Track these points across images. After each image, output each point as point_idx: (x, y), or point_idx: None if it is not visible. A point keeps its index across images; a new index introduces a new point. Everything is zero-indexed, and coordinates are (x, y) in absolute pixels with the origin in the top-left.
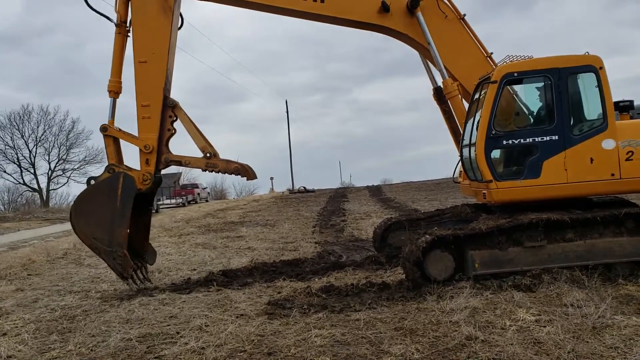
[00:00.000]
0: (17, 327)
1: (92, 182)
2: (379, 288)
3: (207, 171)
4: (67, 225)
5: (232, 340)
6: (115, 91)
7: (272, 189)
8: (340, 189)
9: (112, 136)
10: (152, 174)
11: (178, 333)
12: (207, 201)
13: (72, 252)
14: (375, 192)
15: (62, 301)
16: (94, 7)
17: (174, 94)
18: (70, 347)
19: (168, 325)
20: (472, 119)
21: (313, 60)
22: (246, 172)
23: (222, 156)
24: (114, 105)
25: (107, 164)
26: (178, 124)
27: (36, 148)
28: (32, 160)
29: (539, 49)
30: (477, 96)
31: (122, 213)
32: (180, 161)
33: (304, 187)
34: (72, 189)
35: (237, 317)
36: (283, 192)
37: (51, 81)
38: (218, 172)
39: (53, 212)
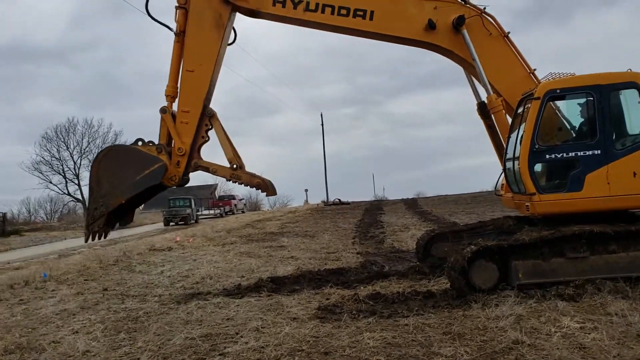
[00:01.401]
0: (85, 326)
1: (140, 143)
2: (425, 296)
3: (230, 181)
4: (111, 235)
5: (289, 340)
6: (171, 95)
7: (307, 200)
8: (375, 201)
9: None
10: (179, 177)
11: (237, 333)
12: (243, 212)
13: (122, 260)
14: (412, 204)
15: (122, 304)
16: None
17: (214, 107)
18: (140, 344)
19: (226, 326)
20: (515, 133)
21: (345, 73)
22: (266, 187)
23: (254, 167)
24: (171, 105)
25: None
26: (212, 133)
27: (80, 160)
28: (77, 171)
29: (577, 62)
30: (520, 111)
31: (132, 187)
32: (207, 168)
33: (339, 199)
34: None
35: (291, 320)
36: (318, 204)
37: (92, 94)
38: (241, 184)
39: None
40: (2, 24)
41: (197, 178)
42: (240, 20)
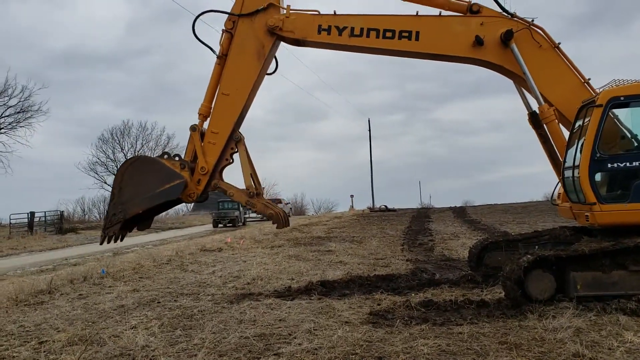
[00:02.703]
0: (142, 322)
1: (165, 157)
2: (478, 305)
3: (245, 207)
4: (162, 235)
5: (342, 343)
6: (204, 115)
7: (352, 206)
8: (422, 209)
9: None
10: (198, 194)
11: (290, 335)
12: (289, 216)
13: (175, 259)
14: (460, 213)
15: (176, 302)
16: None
17: (259, 112)
18: (196, 341)
19: (279, 327)
20: (575, 141)
21: (394, 80)
22: (278, 220)
23: (300, 172)
24: (202, 123)
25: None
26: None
27: None
28: None
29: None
30: (580, 119)
31: (150, 199)
32: (226, 190)
33: (385, 206)
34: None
35: (343, 324)
36: (363, 210)
37: (146, 99)
38: (254, 212)
39: None
40: (62, 30)
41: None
42: None
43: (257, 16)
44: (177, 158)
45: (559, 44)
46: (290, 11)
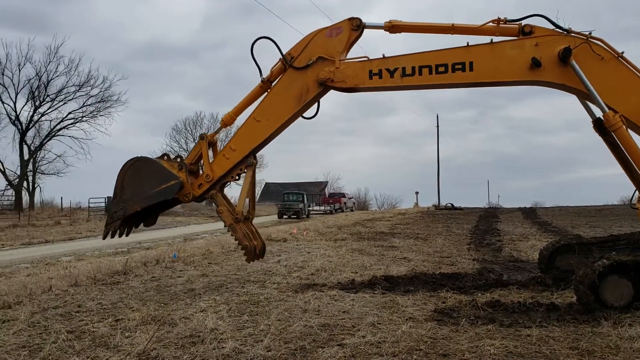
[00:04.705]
0: (211, 306)
1: (165, 158)
2: (548, 308)
3: (228, 230)
4: None
5: (406, 338)
6: (226, 123)
7: (417, 203)
8: (490, 208)
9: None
10: (195, 196)
11: (354, 327)
12: (352, 210)
13: None
14: (530, 214)
15: (243, 288)
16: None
17: (326, 106)
18: (262, 327)
19: (343, 319)
20: None
21: None
22: (249, 254)
23: (364, 167)
24: (219, 130)
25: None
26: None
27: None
28: None
29: None
30: None
31: (148, 199)
32: (218, 205)
33: (452, 204)
34: (233, 190)
35: (407, 320)
36: (428, 208)
37: (218, 91)
38: (232, 237)
39: None
40: (142, 24)
41: (309, 175)
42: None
43: (309, 68)
44: (178, 159)
45: (622, 53)
46: (339, 61)
